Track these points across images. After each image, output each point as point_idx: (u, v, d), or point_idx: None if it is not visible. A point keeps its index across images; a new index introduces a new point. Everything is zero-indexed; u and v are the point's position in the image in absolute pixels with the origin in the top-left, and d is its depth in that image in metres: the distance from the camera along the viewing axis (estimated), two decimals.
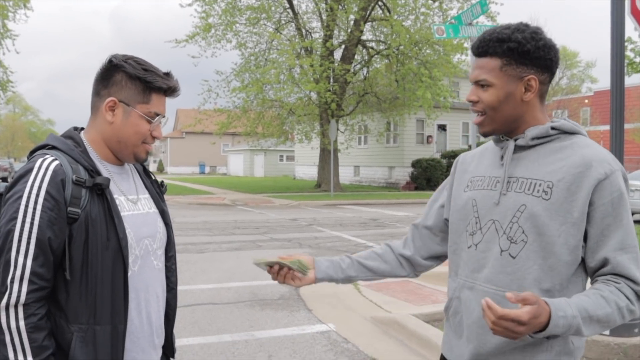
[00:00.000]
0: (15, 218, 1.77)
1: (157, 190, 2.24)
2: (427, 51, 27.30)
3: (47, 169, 1.83)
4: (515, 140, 1.93)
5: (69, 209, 1.82)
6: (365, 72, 30.51)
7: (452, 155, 31.45)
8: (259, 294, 7.98)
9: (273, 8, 29.48)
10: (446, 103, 26.90)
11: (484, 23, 15.87)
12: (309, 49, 28.24)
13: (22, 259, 1.75)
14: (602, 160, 1.80)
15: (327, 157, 28.81)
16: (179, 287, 2.17)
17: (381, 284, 7.89)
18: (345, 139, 31.67)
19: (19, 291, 1.74)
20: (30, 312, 1.76)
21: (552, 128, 1.90)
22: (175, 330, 6.16)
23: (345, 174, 38.02)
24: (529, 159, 1.91)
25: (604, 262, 1.79)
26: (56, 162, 1.85)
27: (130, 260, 1.94)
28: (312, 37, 30.29)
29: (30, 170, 1.82)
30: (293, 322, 6.66)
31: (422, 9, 26.95)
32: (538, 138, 1.90)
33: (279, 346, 5.80)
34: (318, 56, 27.17)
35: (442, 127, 35.76)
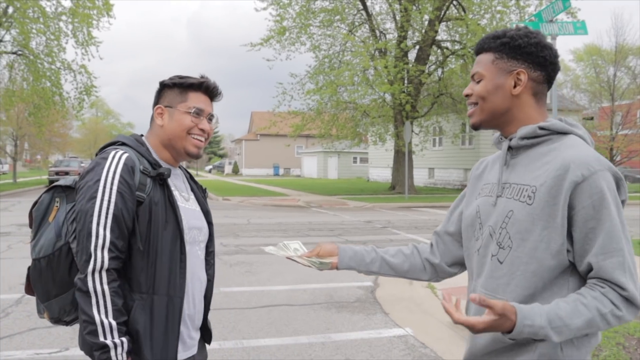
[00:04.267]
0: (95, 197, 2.06)
1: (201, 194, 2.50)
2: None
3: (120, 158, 2.13)
4: (510, 140, 1.97)
5: (137, 193, 2.12)
6: (440, 72, 30.10)
7: None
8: (335, 296, 7.97)
9: (347, 10, 29.51)
10: None
11: (564, 20, 15.41)
12: (383, 50, 28.11)
13: (102, 230, 2.03)
14: (581, 162, 1.77)
15: (402, 159, 28.60)
16: (256, 288, 2.24)
17: (460, 288, 7.73)
18: (419, 141, 31.37)
19: (102, 258, 2.02)
20: (112, 277, 2.03)
21: (541, 128, 1.91)
22: (252, 331, 6.22)
23: (420, 176, 37.64)
24: (522, 164, 1.94)
25: (590, 267, 1.76)
26: (127, 154, 2.16)
27: None
28: (386, 38, 30.13)
29: (105, 159, 2.13)
30: (370, 325, 6.61)
31: (499, 7, 26.34)
32: (528, 138, 1.92)
33: (356, 349, 5.76)
34: (392, 57, 26.99)
35: None
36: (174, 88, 2.31)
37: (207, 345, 2.51)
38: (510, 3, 26.22)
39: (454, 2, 28.00)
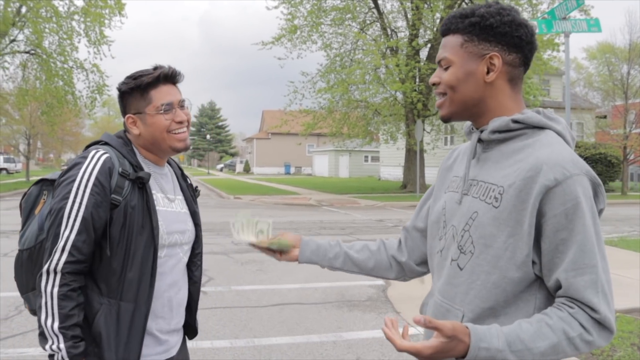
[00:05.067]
0: (67, 198, 2.04)
1: (191, 194, 2.49)
2: None
3: (98, 159, 2.11)
4: (481, 132, 1.76)
5: (113, 196, 2.08)
6: None
7: None
8: (346, 294, 7.96)
9: (358, 8, 29.45)
10: (536, 102, 26.03)
11: (577, 17, 15.27)
12: (394, 48, 28.04)
13: (68, 232, 2.02)
14: (555, 163, 1.55)
15: (413, 158, 28.53)
16: (267, 286, 2.23)
17: None
18: (431, 139, 31.27)
19: (58, 260, 2.00)
20: (64, 281, 2.00)
21: (514, 121, 1.69)
22: (264, 329, 6.19)
23: (431, 175, 37.52)
24: (493, 160, 1.73)
25: (558, 284, 1.56)
26: (107, 155, 2.13)
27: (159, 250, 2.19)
28: (397, 36, 30.07)
29: (84, 159, 2.12)
30: (381, 324, 6.57)
31: (511, 4, 26.22)
32: (499, 132, 1.71)
33: (367, 348, 5.75)
34: (404, 55, 26.94)
35: None
36: (134, 93, 2.22)
37: (187, 340, 2.51)
38: (522, 1, 26.07)
39: (466, 0, 27.89)
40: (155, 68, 2.24)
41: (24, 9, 27.68)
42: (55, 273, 2.00)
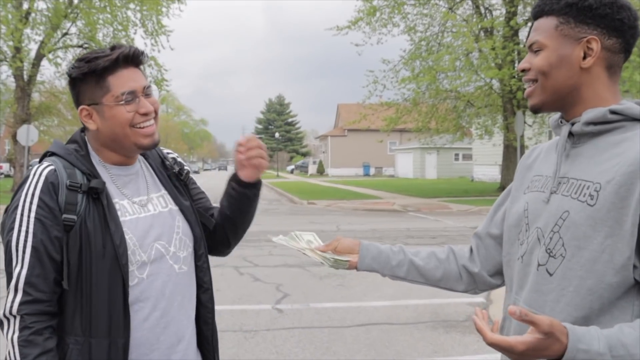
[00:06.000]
0: (13, 229, 1.92)
1: (177, 184, 2.31)
2: None
3: (40, 175, 1.97)
4: (572, 124, 1.78)
5: (64, 215, 1.94)
6: None
7: None
8: (442, 313, 7.87)
9: None
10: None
11: None
12: (489, 29, 27.64)
13: (19, 268, 1.89)
14: None
15: (513, 156, 28.01)
16: (351, 304, 2.18)
17: None
18: (533, 134, 30.60)
19: (12, 301, 1.88)
20: (24, 324, 1.87)
21: (612, 112, 1.70)
22: (349, 353, 6.19)
23: None
24: (586, 155, 1.74)
25: None
26: (50, 168, 1.99)
27: (134, 268, 2.02)
28: (492, 15, 29.58)
29: (26, 179, 1.99)
30: (484, 348, 6.41)
31: None
32: (594, 124, 1.72)
33: None
34: (500, 37, 26.45)
35: None
36: (87, 79, 2.04)
37: None
38: None
39: None
40: (113, 48, 2.06)
41: (76, 0, 28.69)
42: (14, 317, 1.88)
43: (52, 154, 2.09)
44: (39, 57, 29.20)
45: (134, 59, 2.09)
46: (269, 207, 26.00)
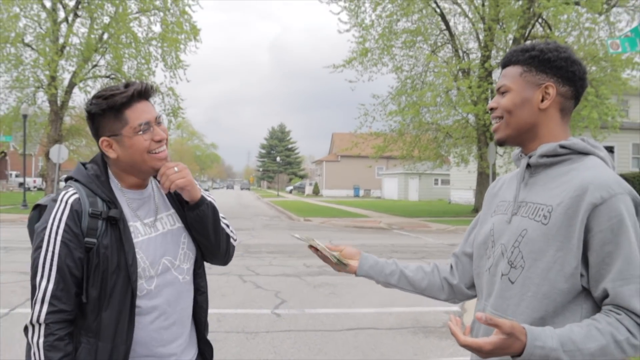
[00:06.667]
0: (41, 247, 2.01)
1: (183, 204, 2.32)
2: (593, 68, 25.73)
3: (66, 203, 2.04)
4: (529, 157, 1.92)
5: (86, 239, 2.02)
6: None
7: None
8: (422, 320, 7.80)
9: (429, 30, 29.28)
10: (614, 123, 25.14)
11: None
12: (466, 70, 27.73)
13: (45, 283, 1.98)
14: (600, 183, 1.71)
15: (485, 181, 27.99)
16: (341, 310, 2.20)
17: None
18: (504, 162, 30.59)
19: (40, 311, 1.97)
20: (49, 331, 1.96)
21: (562, 147, 1.86)
22: (339, 354, 6.13)
23: None
24: (540, 183, 1.89)
25: (605, 293, 1.69)
26: (75, 197, 2.06)
27: (143, 281, 2.10)
28: (469, 58, 29.70)
29: (55, 202, 2.06)
30: (459, 351, 6.38)
31: (587, 24, 25.41)
32: (547, 156, 1.87)
33: None
34: (476, 77, 26.53)
35: (610, 149, 33.52)
36: (107, 114, 2.09)
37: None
38: (599, 19, 25.34)
39: (539, 20, 27.33)
40: (127, 85, 2.11)
41: (105, 36, 28.81)
42: (40, 325, 1.97)
43: (76, 180, 2.14)
44: (71, 85, 29.23)
45: (145, 93, 2.15)
46: (269, 223, 25.91)
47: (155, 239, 2.18)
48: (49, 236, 2.00)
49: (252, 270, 11.68)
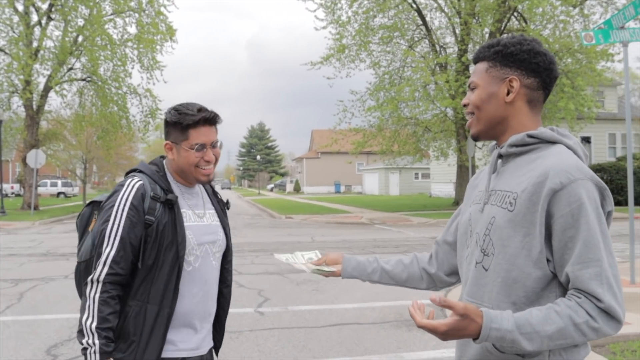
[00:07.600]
0: (108, 220, 2.39)
1: (221, 208, 2.76)
2: (569, 60, 26.00)
3: (133, 186, 2.45)
4: (500, 148, 1.97)
5: (146, 217, 2.42)
6: None
7: (597, 169, 29.34)
8: (405, 314, 7.83)
9: (406, 25, 29.38)
10: (590, 114, 25.47)
11: (635, 26, 14.82)
12: (443, 64, 27.86)
13: (109, 249, 2.36)
14: (561, 169, 1.75)
15: (465, 174, 28.20)
16: (324, 306, 2.34)
17: None
18: (483, 155, 30.83)
19: (101, 272, 2.34)
20: (105, 289, 2.34)
21: (530, 136, 1.90)
22: (323, 350, 6.17)
23: None
24: (509, 171, 1.94)
25: (567, 277, 1.73)
26: (140, 182, 2.46)
27: (191, 258, 2.51)
28: (446, 52, 29.88)
29: (122, 186, 2.46)
30: (442, 344, 6.44)
31: (562, 17, 25.68)
32: (516, 146, 1.92)
33: None
34: (453, 71, 26.71)
35: (587, 140, 33.96)
36: (176, 125, 2.49)
37: (214, 349, 2.75)
38: (573, 12, 25.61)
39: (515, 14, 27.54)
40: (200, 110, 2.48)
41: (80, 38, 28.56)
42: (98, 282, 2.34)
43: (140, 171, 2.54)
44: (47, 89, 29.00)
45: (211, 120, 2.51)
46: (251, 222, 25.86)
47: (202, 227, 2.58)
48: (117, 212, 2.39)
49: (235, 269, 11.56)
